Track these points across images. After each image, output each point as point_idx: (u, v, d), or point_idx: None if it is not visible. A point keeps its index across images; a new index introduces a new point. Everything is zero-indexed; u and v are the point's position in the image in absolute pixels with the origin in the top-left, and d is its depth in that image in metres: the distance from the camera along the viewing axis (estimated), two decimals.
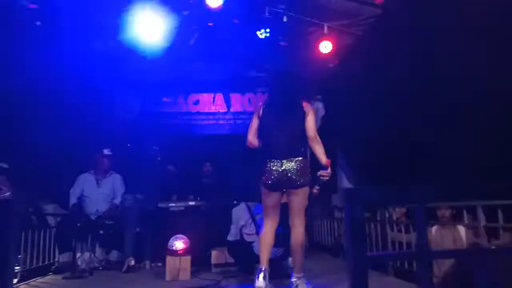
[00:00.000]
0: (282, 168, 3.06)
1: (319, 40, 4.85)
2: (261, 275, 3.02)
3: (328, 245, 5.68)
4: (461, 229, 3.27)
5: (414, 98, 3.97)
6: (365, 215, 4.52)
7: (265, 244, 3.18)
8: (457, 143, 3.55)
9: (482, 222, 2.84)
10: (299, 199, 3.14)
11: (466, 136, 3.47)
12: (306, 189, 3.14)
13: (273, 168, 3.08)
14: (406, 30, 3.79)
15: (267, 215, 3.25)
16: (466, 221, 3.02)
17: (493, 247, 1.80)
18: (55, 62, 4.77)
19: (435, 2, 3.33)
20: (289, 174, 3.05)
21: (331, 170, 3.15)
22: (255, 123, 3.30)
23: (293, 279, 3.09)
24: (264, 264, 3.08)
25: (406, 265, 3.55)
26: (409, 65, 3.79)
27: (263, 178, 3.14)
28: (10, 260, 0.92)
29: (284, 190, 3.19)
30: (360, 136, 5.32)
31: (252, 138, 3.29)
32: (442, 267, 2.93)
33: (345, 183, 6.28)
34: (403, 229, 3.76)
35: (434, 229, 3.61)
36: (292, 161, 3.06)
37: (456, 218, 3.42)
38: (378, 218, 4.11)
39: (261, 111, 3.29)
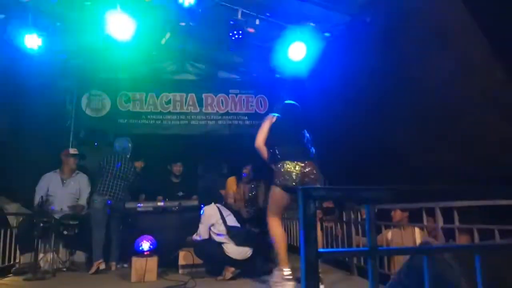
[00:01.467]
0: (300, 170, 3.22)
1: (291, 44, 4.91)
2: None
3: (297, 246, 5.74)
4: (417, 231, 3.41)
5: (382, 102, 4.10)
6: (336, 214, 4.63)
7: (285, 244, 3.31)
8: (428, 147, 3.69)
9: (440, 223, 2.96)
10: None
11: (435, 140, 3.60)
12: None
13: (294, 170, 3.21)
14: (377, 36, 3.90)
15: (279, 215, 3.36)
16: (425, 222, 3.14)
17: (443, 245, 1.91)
18: (18, 57, 4.62)
19: (408, 10, 3.46)
20: (310, 176, 3.23)
21: None
22: (266, 129, 3.48)
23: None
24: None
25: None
26: (378, 70, 3.91)
27: (282, 179, 3.22)
28: None
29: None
30: (328, 138, 5.43)
31: (262, 142, 3.45)
32: (398, 266, 3.06)
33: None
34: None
35: (389, 232, 3.76)
36: (310, 164, 3.28)
37: (413, 221, 3.56)
38: (345, 220, 4.22)
39: (274, 120, 3.52)
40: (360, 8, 4.17)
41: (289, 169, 3.21)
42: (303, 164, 3.24)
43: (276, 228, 3.30)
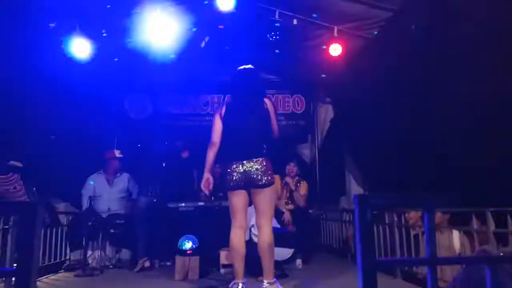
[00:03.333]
0: (243, 169, 3.05)
1: (329, 43, 4.86)
2: None
3: (336, 247, 5.69)
4: (455, 234, 3.27)
5: (425, 102, 3.97)
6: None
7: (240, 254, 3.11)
8: (470, 148, 3.53)
9: (492, 227, 2.83)
10: (264, 199, 3.11)
11: (480, 142, 3.45)
12: (271, 188, 3.12)
13: (235, 170, 3.06)
14: (418, 34, 3.78)
15: (235, 218, 3.16)
16: (474, 226, 3.01)
17: (502, 254, 1.81)
18: (65, 62, 4.85)
19: (453, 7, 3.33)
20: (251, 175, 3.04)
21: None
22: (218, 124, 3.22)
23: (264, 286, 3.01)
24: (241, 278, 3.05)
25: (414, 268, 3.55)
26: (421, 69, 3.79)
27: (226, 179, 3.12)
28: (35, 260, 0.96)
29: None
30: (368, 139, 5.32)
31: (217, 139, 3.22)
32: (442, 272, 2.95)
33: (353, 186, 6.28)
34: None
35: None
36: (253, 162, 3.04)
37: (457, 223, 3.42)
38: (387, 222, 4.12)
39: (223, 112, 3.24)
40: (402, 5, 4.06)
41: (230, 170, 3.09)
42: (245, 162, 3.05)
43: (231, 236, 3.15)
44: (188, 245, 4.10)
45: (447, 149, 3.67)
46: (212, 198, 4.01)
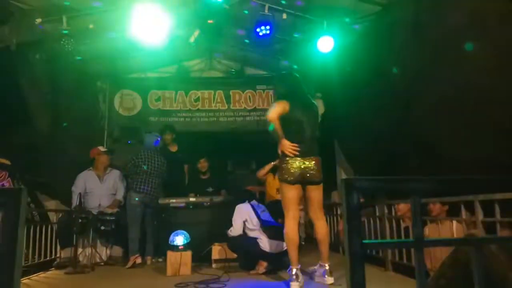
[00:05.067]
0: (303, 166, 3.21)
1: (319, 38, 4.87)
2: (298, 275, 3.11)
3: (329, 241, 5.71)
4: (454, 224, 3.30)
5: (413, 94, 4.00)
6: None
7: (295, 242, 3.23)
8: (456, 138, 3.58)
9: (480, 217, 2.87)
10: (319, 195, 3.34)
11: (465, 131, 3.49)
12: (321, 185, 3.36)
13: (296, 165, 3.21)
14: (407, 26, 3.81)
15: (289, 210, 3.27)
16: (463, 216, 3.05)
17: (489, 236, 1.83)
18: (55, 59, 4.79)
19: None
20: (309, 172, 3.22)
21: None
22: (279, 108, 3.27)
23: (327, 268, 3.23)
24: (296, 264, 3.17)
25: (404, 260, 3.59)
26: (408, 61, 3.82)
27: (284, 173, 3.24)
28: (19, 255, 0.95)
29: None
30: (358, 132, 5.35)
31: (277, 117, 3.27)
32: (434, 261, 2.98)
33: None
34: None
35: (427, 228, 3.66)
36: (311, 159, 3.25)
37: (451, 214, 3.45)
38: (377, 214, 4.15)
39: (287, 108, 3.31)
40: None
41: (290, 166, 3.22)
42: (306, 161, 3.23)
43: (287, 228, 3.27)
44: (179, 240, 4.09)
45: (439, 140, 3.71)
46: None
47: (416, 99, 3.90)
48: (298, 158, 3.22)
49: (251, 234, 4.02)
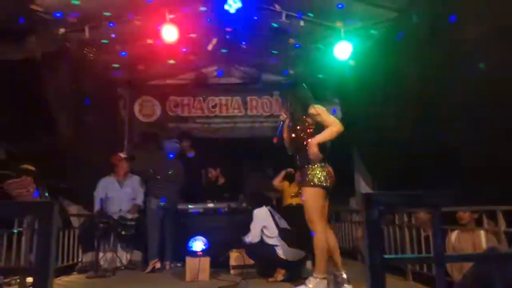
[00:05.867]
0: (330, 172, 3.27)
1: (336, 44, 4.87)
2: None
3: (346, 248, 5.67)
4: (482, 234, 3.23)
5: (434, 101, 3.95)
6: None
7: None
8: (483, 147, 3.51)
9: (502, 227, 2.81)
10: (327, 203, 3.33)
11: (492, 139, 3.42)
12: None
13: (331, 172, 3.28)
14: (424, 31, 3.78)
15: (322, 217, 3.26)
16: (486, 226, 2.99)
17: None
18: (78, 67, 4.93)
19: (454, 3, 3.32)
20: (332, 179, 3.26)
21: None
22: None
23: (344, 275, 3.23)
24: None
25: (425, 269, 3.53)
26: (428, 67, 3.78)
27: (324, 179, 3.22)
28: (52, 258, 1.00)
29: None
30: (377, 139, 5.30)
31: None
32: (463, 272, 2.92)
33: (363, 187, 6.27)
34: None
35: (454, 234, 3.58)
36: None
37: (479, 223, 3.38)
38: (397, 222, 4.10)
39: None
40: (408, 4, 4.06)
41: (324, 172, 3.24)
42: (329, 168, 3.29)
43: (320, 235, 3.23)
44: (198, 246, 4.13)
45: (459, 147, 3.65)
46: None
47: (436, 105, 3.85)
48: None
49: (269, 241, 4.01)
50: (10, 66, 4.28)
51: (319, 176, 3.20)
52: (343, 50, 4.84)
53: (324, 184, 3.19)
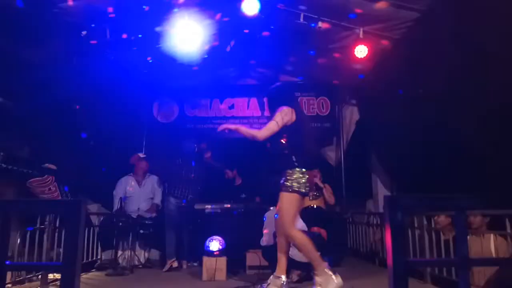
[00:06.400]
0: (306, 178, 3.22)
1: (354, 45, 4.83)
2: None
3: (363, 251, 5.62)
4: (491, 239, 3.17)
5: (453, 102, 3.88)
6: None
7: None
8: (499, 149, 3.43)
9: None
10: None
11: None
12: None
13: (307, 177, 3.22)
14: (447, 33, 3.72)
15: (296, 221, 3.33)
16: (508, 230, 2.92)
17: None
18: (98, 69, 5.03)
19: (480, 4, 3.26)
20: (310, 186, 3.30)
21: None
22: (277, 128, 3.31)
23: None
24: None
25: (444, 273, 3.48)
26: (448, 69, 3.72)
27: (301, 185, 3.20)
28: (79, 257, 1.03)
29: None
30: (395, 141, 5.24)
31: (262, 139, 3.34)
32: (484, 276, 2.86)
33: (380, 189, 6.20)
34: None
35: (468, 239, 3.52)
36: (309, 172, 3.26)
37: (496, 227, 3.32)
38: (416, 225, 4.04)
39: (294, 117, 3.34)
40: (429, 5, 4.00)
41: (303, 175, 3.20)
42: (308, 172, 3.24)
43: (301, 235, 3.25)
44: (215, 246, 4.16)
45: (481, 149, 3.58)
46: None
47: (456, 108, 3.78)
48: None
49: None
50: (34, 68, 4.41)
51: (297, 182, 3.17)
52: (361, 51, 4.81)
53: (303, 190, 3.20)
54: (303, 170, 3.21)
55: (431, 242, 3.76)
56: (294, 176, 3.18)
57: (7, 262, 1.06)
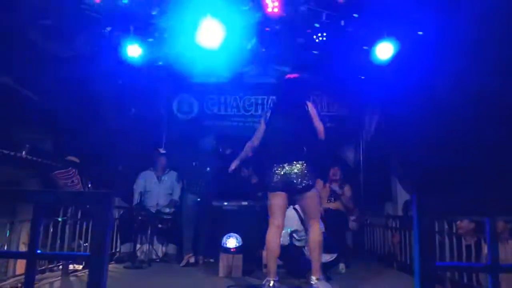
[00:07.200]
0: (283, 172, 3.15)
1: (377, 44, 4.77)
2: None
3: (381, 254, 5.55)
4: None
5: (476, 105, 3.80)
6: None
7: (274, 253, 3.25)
8: None
9: None
10: (307, 204, 3.22)
11: None
12: (311, 192, 3.19)
13: (276, 172, 3.18)
14: (471, 35, 3.64)
15: (273, 218, 3.26)
16: None
17: None
18: (117, 64, 5.11)
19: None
20: (290, 178, 3.14)
21: None
22: (261, 128, 3.41)
23: (313, 282, 3.10)
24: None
25: (465, 279, 3.40)
26: (476, 72, 3.63)
27: (267, 181, 3.25)
28: (107, 248, 1.05)
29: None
30: (415, 143, 5.16)
31: (256, 142, 3.42)
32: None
33: (400, 191, 6.11)
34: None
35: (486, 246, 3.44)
36: (293, 165, 3.14)
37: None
38: (436, 229, 3.97)
39: (268, 115, 3.40)
40: (452, 6, 3.92)
41: (272, 171, 3.19)
42: (285, 165, 3.15)
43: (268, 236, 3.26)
44: (232, 243, 4.18)
45: (507, 153, 3.49)
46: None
47: (483, 113, 3.69)
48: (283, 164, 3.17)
49: (298, 243, 4.04)
50: (59, 63, 4.52)
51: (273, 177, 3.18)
52: (384, 51, 4.74)
53: (267, 186, 3.23)
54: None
55: (452, 248, 3.69)
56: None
57: (38, 251, 1.09)
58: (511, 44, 3.21)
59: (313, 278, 3.11)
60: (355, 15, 4.62)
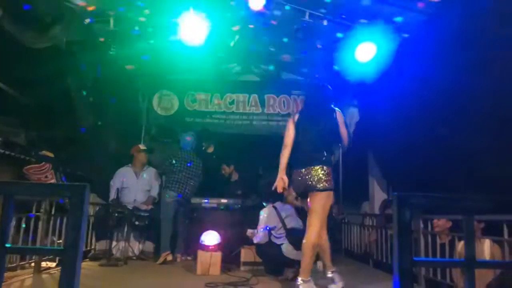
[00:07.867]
0: (303, 175, 3.26)
1: (358, 44, 4.82)
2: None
3: (357, 252, 5.63)
4: (486, 244, 3.17)
5: (453, 104, 3.88)
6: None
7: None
8: (500, 155, 3.44)
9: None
10: (316, 200, 3.28)
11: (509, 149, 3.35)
12: (325, 193, 3.25)
13: (299, 175, 3.29)
14: (454, 38, 3.71)
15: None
16: (506, 236, 2.92)
17: None
18: (96, 57, 4.99)
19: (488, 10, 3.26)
20: (309, 181, 3.23)
21: None
22: (291, 128, 3.47)
23: (298, 283, 3.13)
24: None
25: (438, 276, 3.48)
26: (451, 72, 3.71)
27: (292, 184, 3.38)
28: (82, 241, 1.01)
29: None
30: (393, 143, 5.24)
31: (289, 141, 3.46)
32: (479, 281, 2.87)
33: (377, 191, 6.21)
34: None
35: (461, 243, 3.53)
36: (312, 169, 3.23)
37: (486, 232, 3.32)
38: (412, 228, 4.05)
39: (296, 118, 3.49)
40: (437, 7, 3.99)
41: (294, 176, 3.33)
42: (307, 170, 3.24)
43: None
44: (210, 240, 4.15)
45: (482, 153, 3.58)
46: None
47: (458, 113, 3.78)
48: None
49: (277, 241, 4.05)
50: (35, 54, 4.37)
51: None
52: (364, 52, 4.79)
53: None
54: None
55: (427, 246, 3.76)
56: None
57: (8, 245, 1.04)
58: (488, 45, 3.29)
59: (299, 279, 3.16)
60: (343, 16, 4.64)
